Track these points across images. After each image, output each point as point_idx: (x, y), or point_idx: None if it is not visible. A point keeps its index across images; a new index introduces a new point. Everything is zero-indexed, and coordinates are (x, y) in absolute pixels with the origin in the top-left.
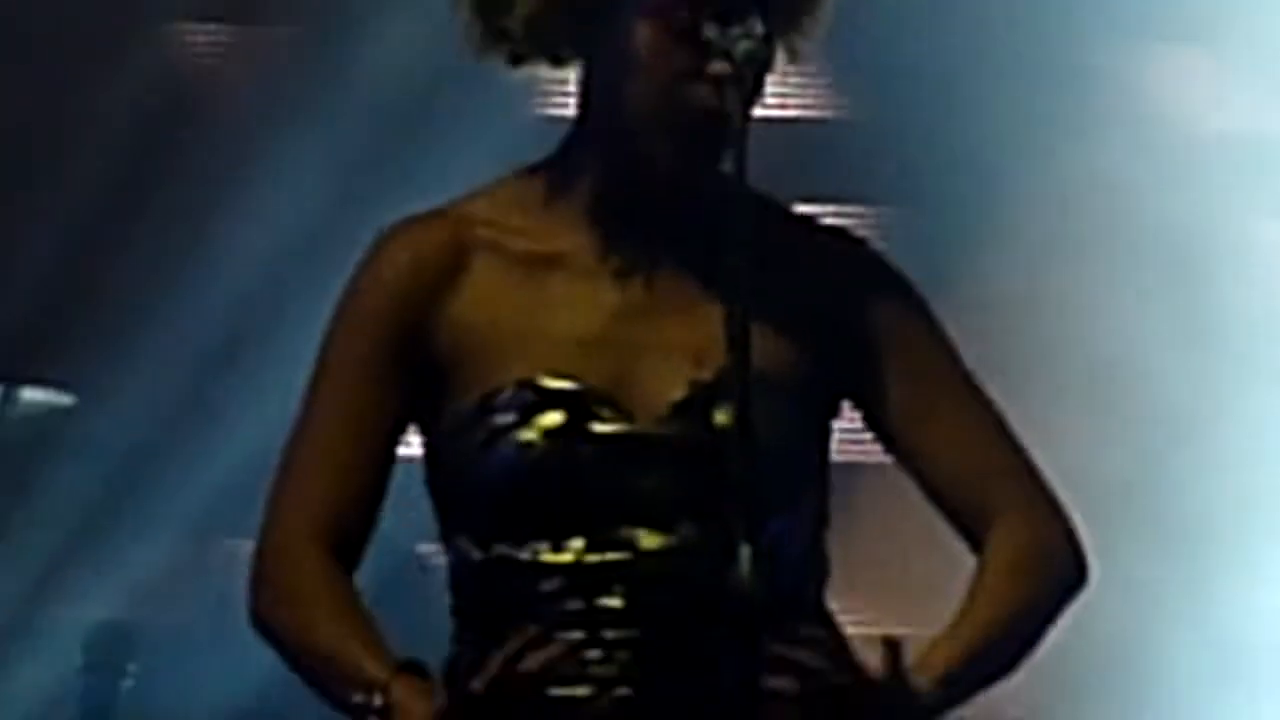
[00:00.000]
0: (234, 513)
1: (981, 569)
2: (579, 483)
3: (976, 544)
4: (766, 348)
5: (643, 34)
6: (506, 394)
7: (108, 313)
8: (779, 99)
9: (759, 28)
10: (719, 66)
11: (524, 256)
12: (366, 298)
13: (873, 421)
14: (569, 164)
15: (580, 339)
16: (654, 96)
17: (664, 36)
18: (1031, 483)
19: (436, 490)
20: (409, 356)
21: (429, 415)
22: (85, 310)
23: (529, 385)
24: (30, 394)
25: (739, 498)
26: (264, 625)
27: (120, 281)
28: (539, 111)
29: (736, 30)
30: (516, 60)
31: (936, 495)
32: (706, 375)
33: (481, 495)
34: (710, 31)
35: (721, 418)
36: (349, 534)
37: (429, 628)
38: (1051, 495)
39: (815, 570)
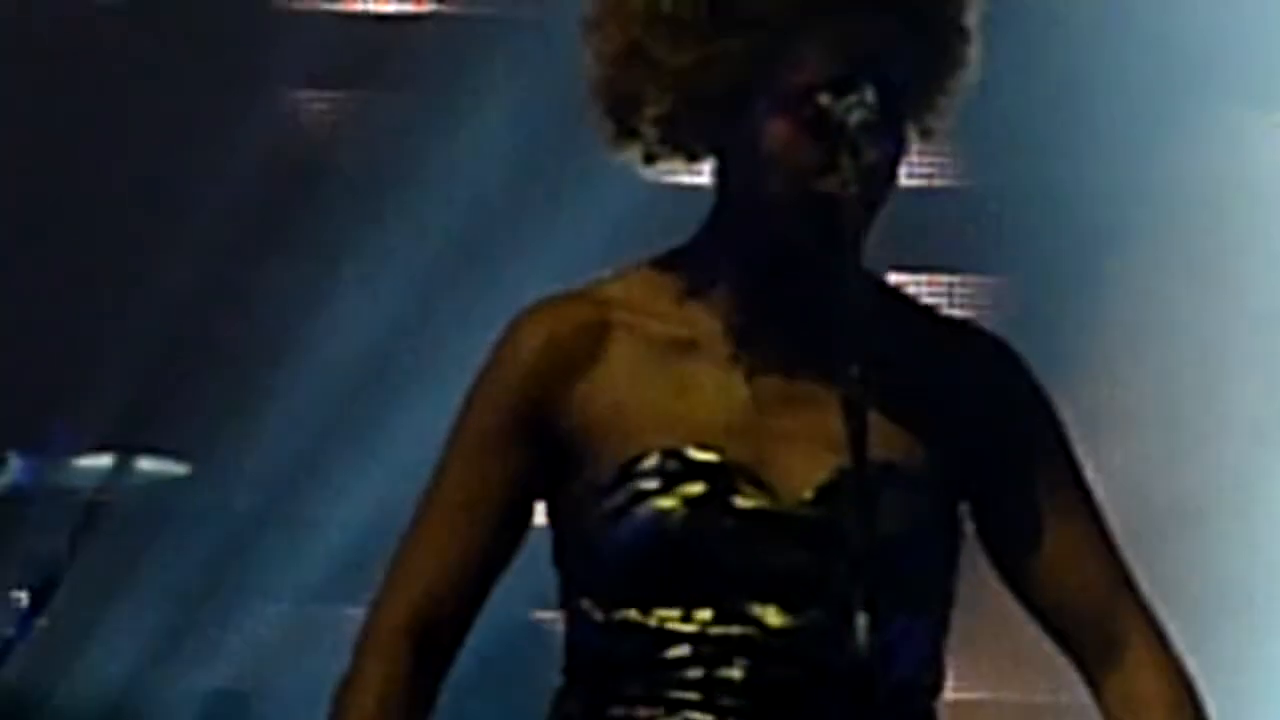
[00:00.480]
0: (348, 581)
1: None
2: (714, 554)
3: (1088, 670)
4: (901, 442)
5: (775, 128)
6: (652, 460)
7: (222, 381)
8: None
9: (870, 95)
10: (862, 158)
11: (662, 340)
12: (500, 377)
13: (983, 531)
14: (706, 250)
15: (719, 421)
16: (789, 189)
17: (796, 130)
18: (1146, 616)
19: (563, 556)
20: (540, 435)
21: (559, 490)
22: (199, 378)
23: (675, 454)
24: (145, 463)
25: (857, 579)
26: (332, 703)
27: (235, 349)
28: (654, 179)
29: (852, 98)
30: (649, 159)
31: (1045, 617)
32: (846, 464)
33: (613, 559)
34: (824, 99)
35: (868, 510)
36: (450, 620)
37: (540, 694)
38: (1162, 628)
39: (932, 677)
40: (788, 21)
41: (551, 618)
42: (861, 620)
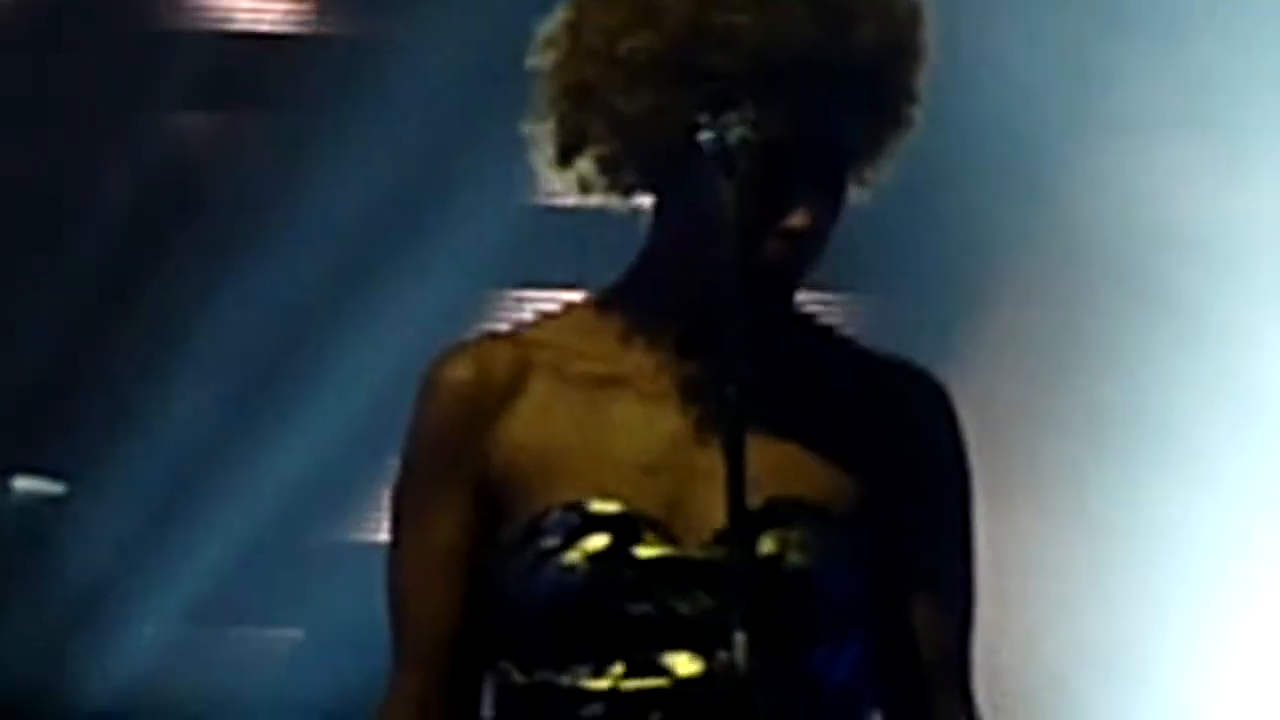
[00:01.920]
0: (229, 601)
1: None
2: (620, 607)
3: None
4: (817, 477)
5: (714, 183)
6: (553, 517)
7: (101, 400)
8: None
9: (750, 112)
10: (797, 222)
11: (585, 380)
12: (424, 431)
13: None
14: (638, 288)
15: (634, 463)
16: (725, 245)
17: (736, 186)
18: (968, 704)
19: (486, 614)
20: (474, 475)
21: (487, 540)
22: (77, 398)
23: (575, 508)
24: (22, 483)
25: (733, 613)
26: None
27: (114, 368)
28: (538, 201)
29: (730, 116)
30: (584, 189)
31: (881, 660)
32: (755, 501)
33: (526, 619)
34: (701, 118)
35: (767, 546)
36: (461, 673)
37: None
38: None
39: (864, 708)
40: (741, 79)
41: None
42: (740, 657)
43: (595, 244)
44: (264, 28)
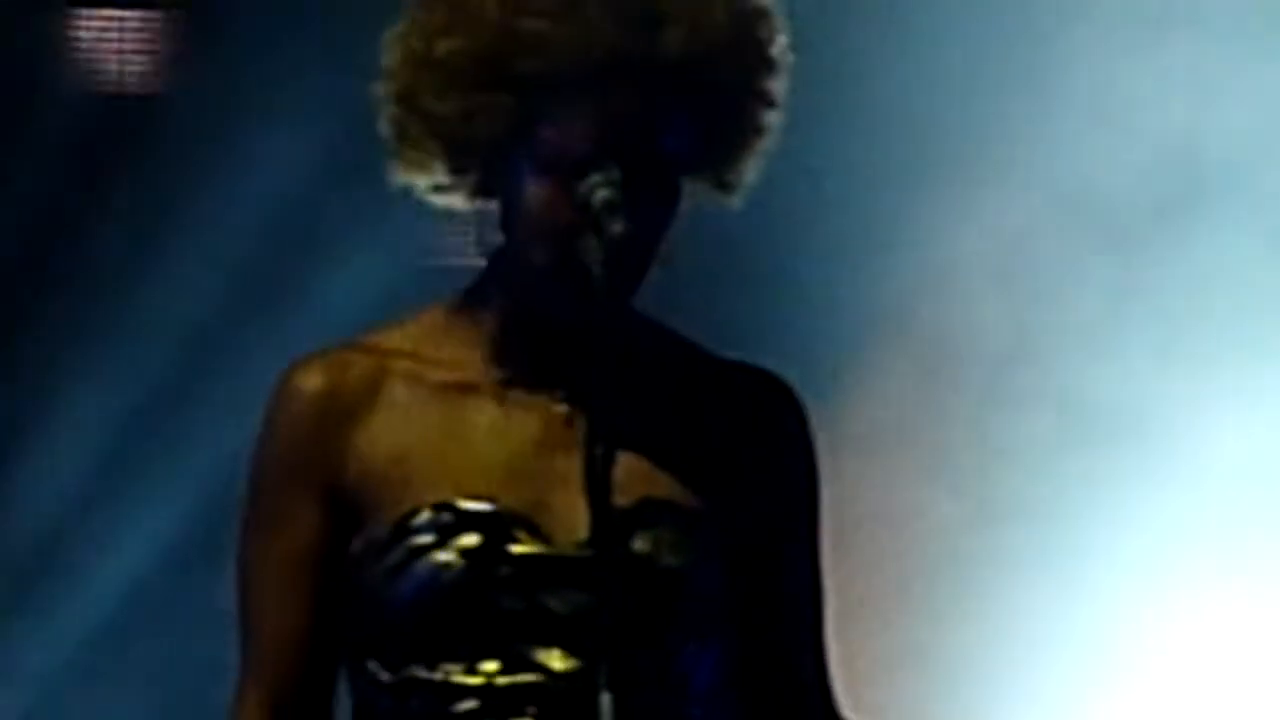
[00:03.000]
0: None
1: None
2: (494, 604)
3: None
4: (677, 479)
5: (532, 189)
6: (424, 516)
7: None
8: None
9: (615, 174)
10: (614, 227)
11: (440, 386)
12: (275, 436)
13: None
14: (485, 294)
15: (497, 466)
16: (545, 251)
17: (553, 193)
18: (828, 695)
19: (344, 615)
20: (324, 489)
21: (341, 548)
22: None
23: (447, 507)
24: None
25: (606, 624)
26: None
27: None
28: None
29: (597, 177)
30: (440, 191)
31: (743, 661)
32: (624, 502)
33: (394, 617)
34: (573, 180)
35: (639, 544)
36: (310, 693)
37: None
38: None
39: (727, 701)
40: (553, 83)
41: None
42: (605, 700)
43: None
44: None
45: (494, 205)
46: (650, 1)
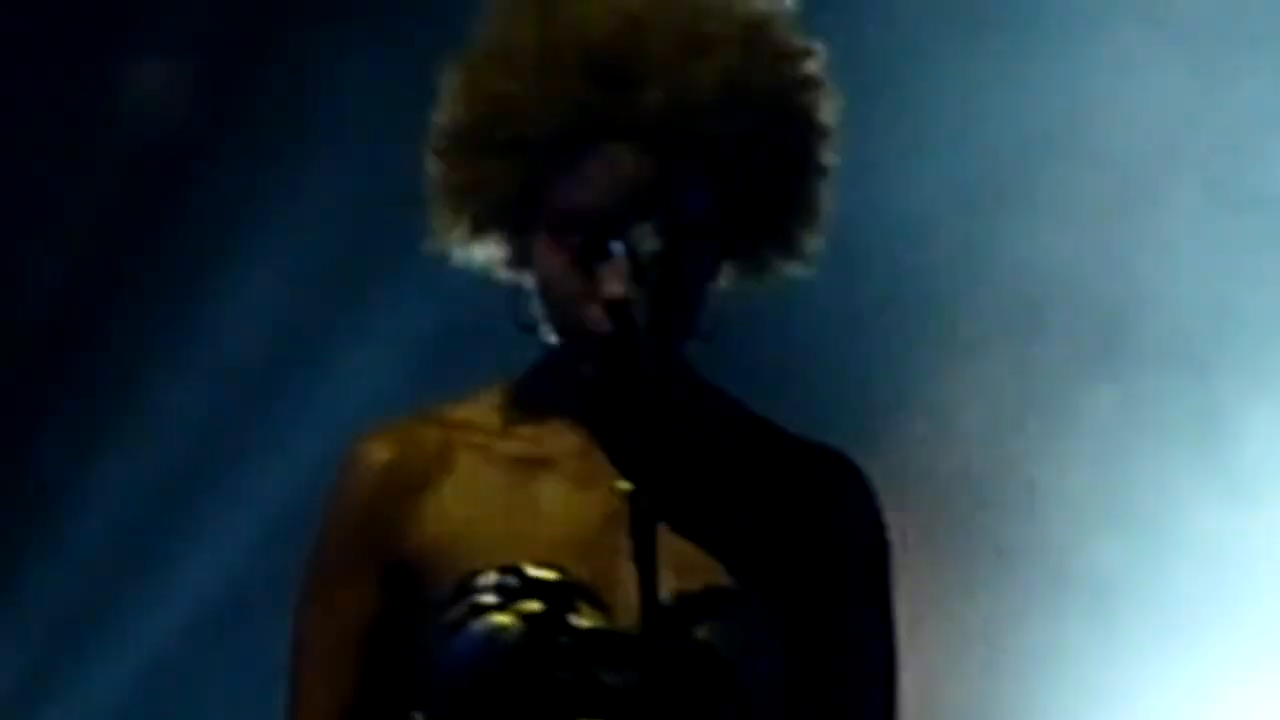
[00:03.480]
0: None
1: None
2: (548, 672)
3: None
4: (735, 563)
5: (544, 254)
6: (490, 577)
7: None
8: None
9: (621, 237)
10: (612, 289)
11: (510, 459)
12: (342, 506)
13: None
14: (552, 369)
15: (564, 540)
16: (561, 317)
17: (561, 257)
18: None
19: (398, 674)
20: (385, 560)
21: (400, 612)
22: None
23: (514, 570)
24: None
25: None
26: None
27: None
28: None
29: (643, 228)
30: (495, 267)
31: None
32: (690, 586)
33: (448, 672)
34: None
35: (701, 632)
36: None
37: None
38: None
39: None
40: (552, 146)
41: None
42: None
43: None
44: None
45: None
46: (625, 61)
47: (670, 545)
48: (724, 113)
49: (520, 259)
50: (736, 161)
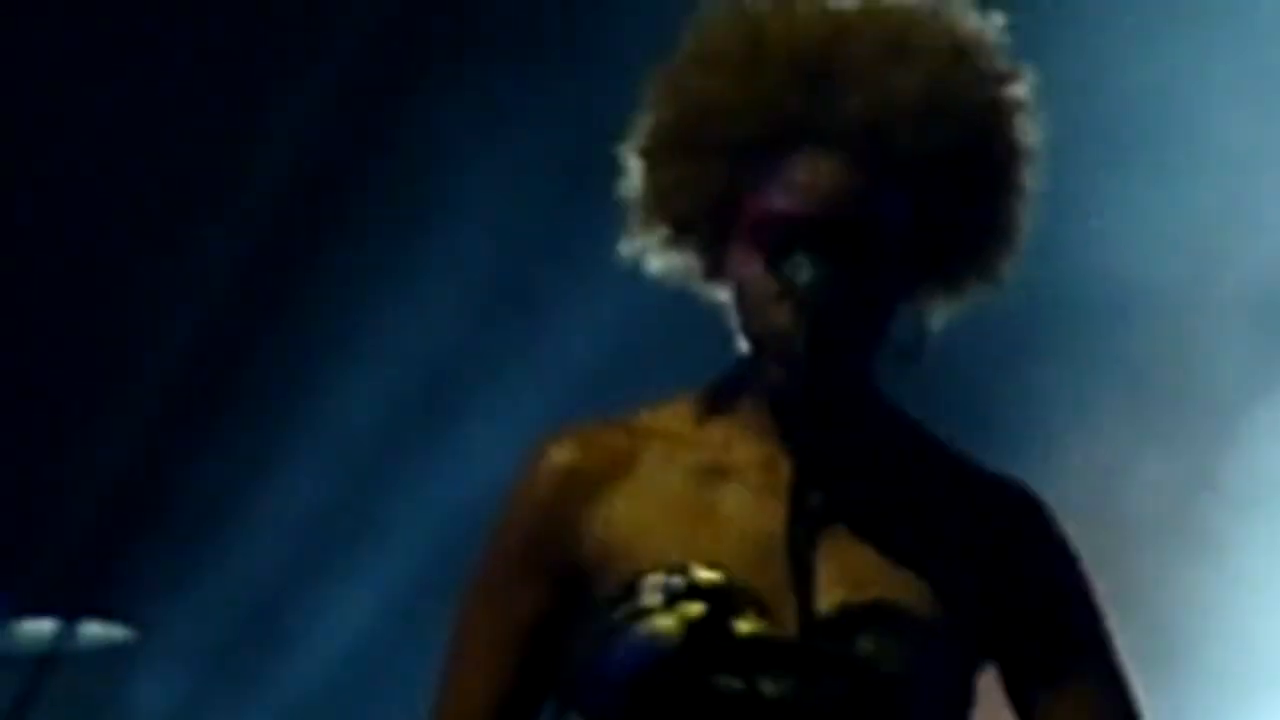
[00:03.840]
0: None
1: None
2: (708, 679)
3: None
4: (912, 584)
5: (740, 256)
6: (658, 576)
7: (168, 545)
8: None
9: (814, 242)
10: (802, 281)
11: (692, 467)
12: (520, 504)
13: (1008, 685)
14: (742, 378)
15: (740, 548)
16: (752, 319)
17: (756, 259)
18: None
19: (561, 672)
20: (558, 561)
21: (570, 610)
22: (145, 543)
23: (682, 571)
24: (90, 627)
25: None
26: None
27: (179, 513)
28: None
29: (800, 258)
30: (688, 277)
31: None
32: (859, 598)
33: (608, 675)
34: (770, 264)
35: (866, 645)
36: None
37: None
38: None
39: None
40: (752, 152)
41: None
42: None
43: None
44: None
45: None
46: (830, 66)
47: (843, 556)
48: (925, 124)
49: (715, 268)
50: (935, 176)
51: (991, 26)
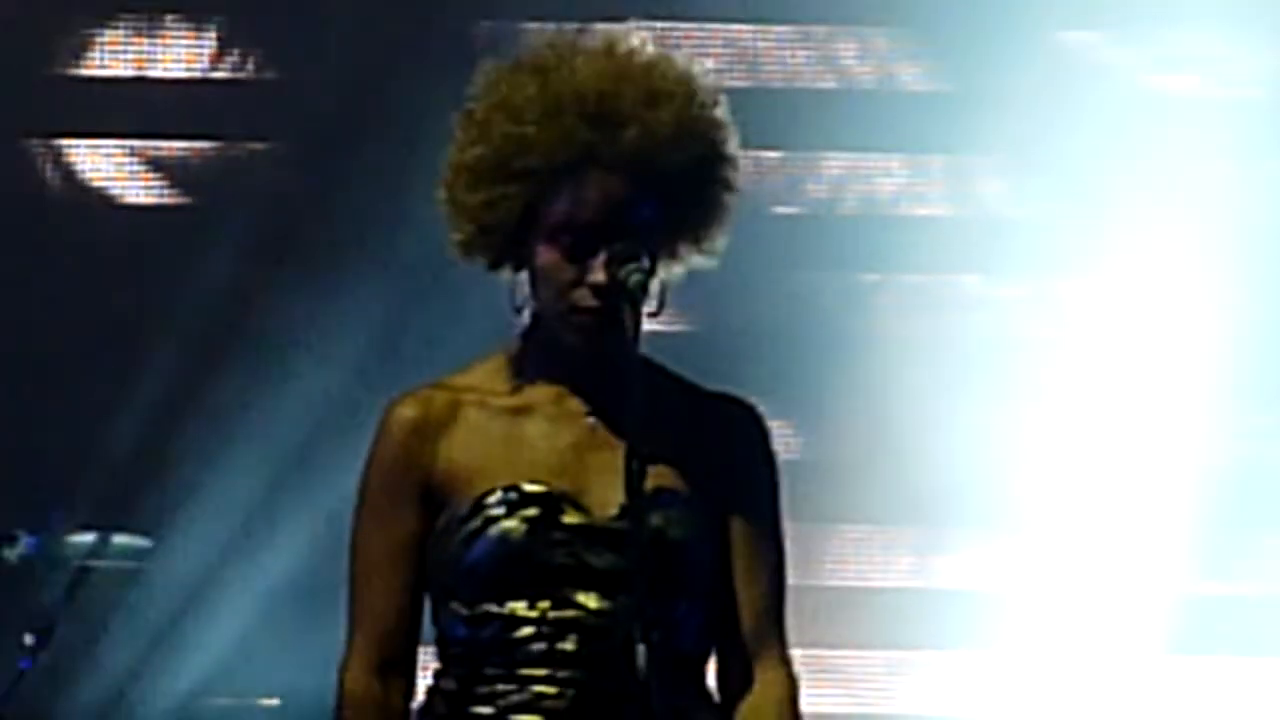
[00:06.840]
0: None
1: (756, 708)
2: (548, 559)
3: (724, 662)
4: (678, 476)
5: (542, 253)
6: (497, 495)
7: (179, 475)
8: None
9: (646, 261)
10: (597, 277)
11: (502, 409)
12: (384, 451)
13: (721, 543)
14: (530, 342)
15: (547, 463)
16: (555, 299)
17: (556, 256)
18: (782, 647)
19: (433, 574)
20: (418, 490)
21: (430, 531)
22: (163, 472)
23: (514, 488)
24: (118, 538)
25: (640, 583)
26: None
27: (194, 448)
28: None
29: (630, 267)
30: (493, 268)
31: (717, 618)
32: (644, 489)
33: (473, 568)
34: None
35: (655, 520)
36: (404, 652)
37: None
38: (790, 658)
39: (704, 646)
40: (549, 176)
41: None
42: (641, 650)
43: None
44: None
45: (524, 274)
46: (611, 106)
47: (644, 464)
48: (677, 148)
49: (518, 262)
50: (681, 184)
51: (704, 69)
